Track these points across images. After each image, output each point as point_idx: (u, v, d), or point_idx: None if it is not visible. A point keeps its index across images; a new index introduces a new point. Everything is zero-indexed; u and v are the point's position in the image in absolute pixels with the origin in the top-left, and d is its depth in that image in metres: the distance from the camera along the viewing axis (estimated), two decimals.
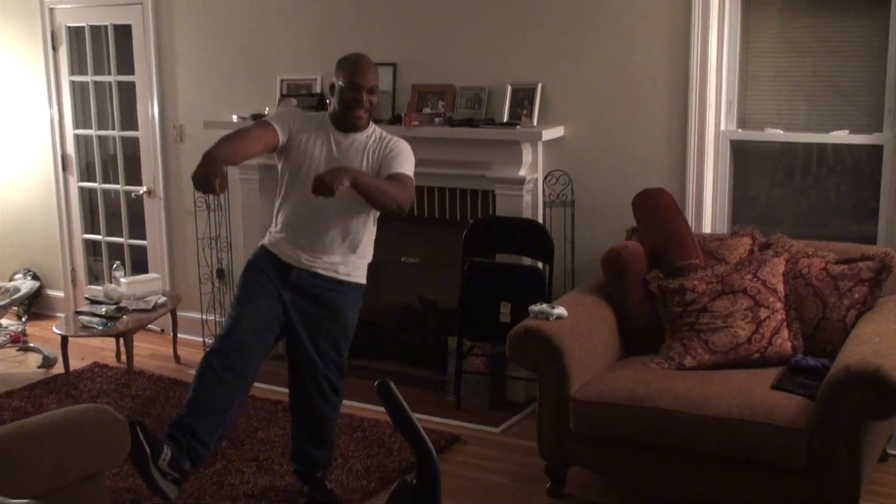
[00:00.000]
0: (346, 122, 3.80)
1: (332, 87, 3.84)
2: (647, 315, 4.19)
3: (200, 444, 3.76)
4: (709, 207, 4.76)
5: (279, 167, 3.91)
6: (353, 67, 3.76)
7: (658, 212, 4.39)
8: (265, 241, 3.93)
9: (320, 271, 3.82)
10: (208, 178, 3.44)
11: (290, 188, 3.85)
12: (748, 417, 3.48)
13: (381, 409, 4.70)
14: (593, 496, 4.03)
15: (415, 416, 1.91)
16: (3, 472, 2.79)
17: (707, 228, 4.74)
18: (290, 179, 3.84)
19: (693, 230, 4.46)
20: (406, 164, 3.83)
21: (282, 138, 3.78)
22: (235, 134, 3.80)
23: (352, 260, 3.87)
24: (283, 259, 3.83)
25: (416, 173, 5.16)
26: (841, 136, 4.51)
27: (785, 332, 3.97)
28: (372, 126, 3.88)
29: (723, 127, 4.71)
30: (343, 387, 4.04)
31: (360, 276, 3.93)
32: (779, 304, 4.01)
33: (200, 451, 3.76)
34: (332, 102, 3.85)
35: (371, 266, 3.77)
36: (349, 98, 3.74)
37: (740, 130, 4.74)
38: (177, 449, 3.68)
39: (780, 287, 4.05)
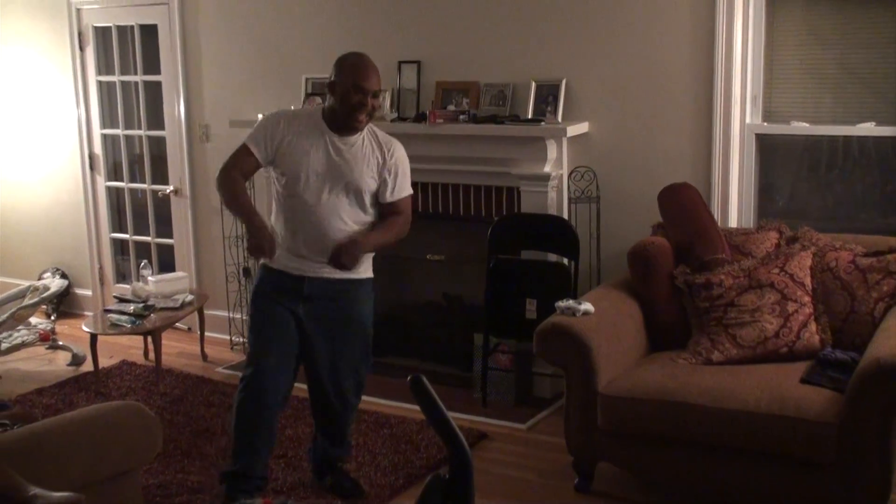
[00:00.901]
0: (346, 124, 3.68)
1: (331, 85, 3.68)
2: (674, 310, 4.18)
3: (261, 479, 3.87)
4: (735, 201, 4.74)
5: (272, 174, 3.85)
6: (359, 70, 3.65)
7: (684, 207, 4.38)
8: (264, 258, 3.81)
9: (331, 276, 3.76)
10: (266, 246, 3.62)
11: (288, 198, 3.74)
12: (777, 412, 3.47)
13: (409, 405, 4.75)
14: (621, 492, 4.03)
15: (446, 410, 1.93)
16: (37, 468, 2.82)
17: (733, 223, 4.72)
18: (289, 189, 3.72)
19: (719, 224, 4.45)
20: (408, 180, 3.85)
21: (262, 160, 3.72)
22: (231, 180, 3.73)
23: None
24: (292, 273, 3.75)
25: (440, 171, 5.25)
26: (867, 129, 4.49)
27: (813, 326, 3.96)
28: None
29: (748, 120, 4.69)
30: (364, 385, 4.07)
31: (367, 271, 3.90)
32: (806, 298, 4.00)
33: (263, 483, 3.88)
34: (330, 100, 3.71)
35: (397, 263, 3.80)
36: (355, 102, 3.61)
37: (766, 124, 4.72)
38: (247, 496, 3.74)
39: (808, 281, 4.03)
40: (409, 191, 3.86)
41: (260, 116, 5.53)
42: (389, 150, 3.78)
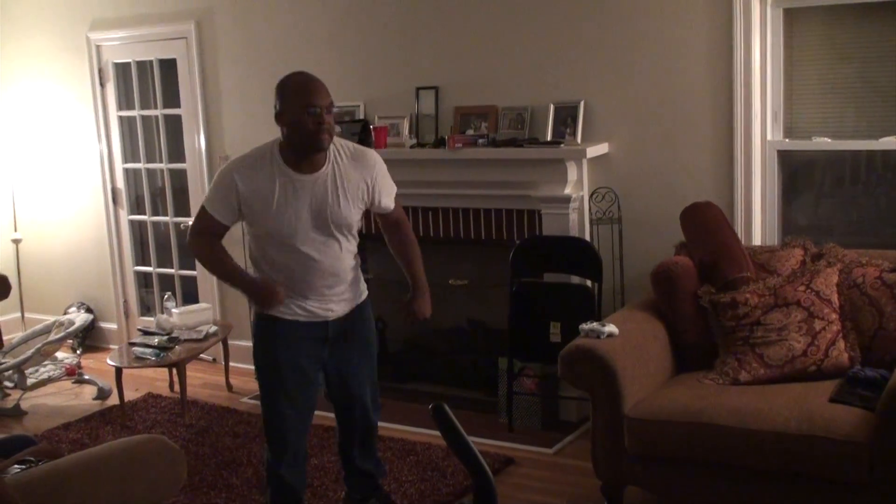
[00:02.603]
0: (308, 152, 3.43)
1: (279, 115, 3.43)
2: (700, 330, 4.14)
3: None
4: (758, 219, 4.70)
5: (246, 229, 3.66)
6: (306, 88, 3.40)
7: (707, 225, 4.35)
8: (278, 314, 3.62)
9: (344, 310, 3.70)
10: (275, 297, 3.52)
11: (279, 251, 3.55)
12: (806, 431, 3.42)
13: (434, 432, 4.71)
14: None
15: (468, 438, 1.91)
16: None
17: (757, 240, 4.68)
18: (275, 244, 3.53)
19: (743, 243, 4.41)
20: (391, 182, 3.73)
21: (227, 222, 3.56)
22: (204, 245, 3.60)
23: (353, 280, 3.73)
24: (310, 320, 3.64)
25: (460, 195, 5.24)
26: (891, 143, 4.44)
27: (841, 344, 3.91)
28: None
29: (769, 137, 4.66)
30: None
31: (364, 287, 3.85)
32: (834, 315, 3.95)
33: None
34: (283, 132, 3.45)
35: None
36: (311, 124, 3.36)
37: (787, 140, 4.69)
38: None
39: (835, 298, 3.99)
40: (395, 188, 3.76)
41: None
42: (366, 159, 3.61)
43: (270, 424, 3.75)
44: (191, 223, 3.64)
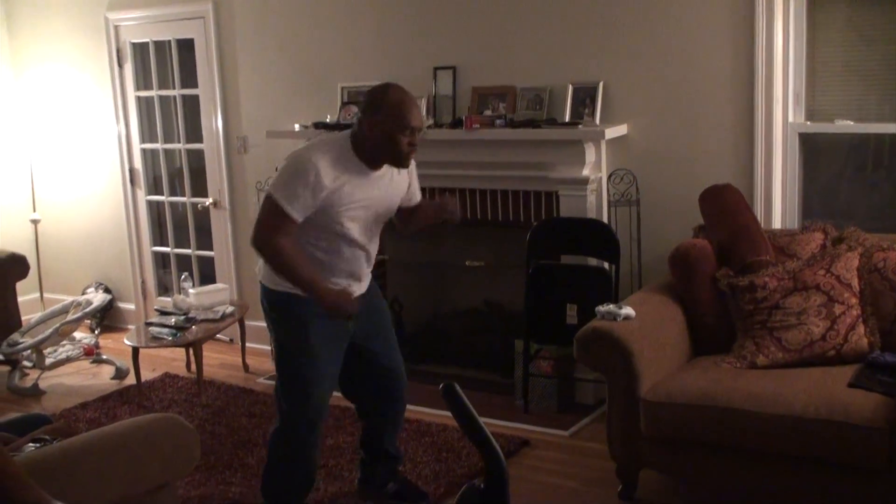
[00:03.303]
0: (385, 163, 3.49)
1: (371, 122, 3.40)
2: (717, 314, 4.11)
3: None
4: (778, 202, 4.66)
5: (315, 218, 3.45)
6: (405, 109, 3.39)
7: (726, 208, 4.30)
8: (288, 288, 3.51)
9: (364, 289, 3.72)
10: (351, 306, 3.47)
11: (330, 241, 3.51)
12: (825, 416, 3.39)
13: (450, 413, 4.71)
14: (666, 499, 3.97)
15: (483, 420, 1.89)
16: (75, 483, 2.83)
17: (777, 224, 4.64)
18: (333, 234, 3.50)
19: (762, 226, 4.37)
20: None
21: (300, 220, 3.39)
22: (282, 252, 3.39)
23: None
24: None
25: (477, 176, 5.22)
26: None
27: (861, 328, 3.87)
28: None
29: (791, 119, 4.61)
30: None
31: None
32: (854, 300, 3.91)
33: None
34: (362, 131, 3.44)
35: (437, 271, 3.76)
36: (405, 145, 3.41)
37: (809, 123, 4.63)
38: None
39: (855, 282, 3.94)
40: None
41: (297, 127, 5.57)
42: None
43: (302, 396, 3.64)
44: (259, 219, 3.45)
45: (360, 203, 3.48)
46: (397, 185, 3.64)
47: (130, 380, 5.70)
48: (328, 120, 5.47)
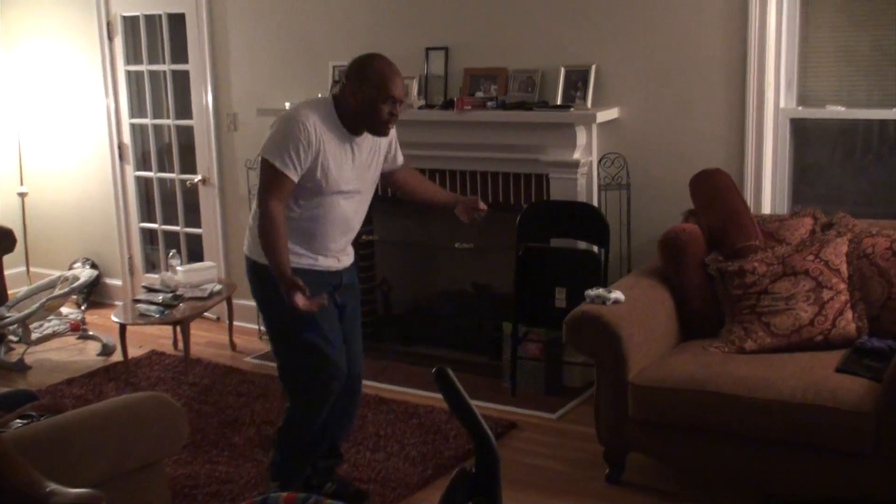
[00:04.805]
0: (365, 130, 3.52)
1: (354, 90, 3.42)
2: (706, 298, 4.12)
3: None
4: (768, 187, 4.66)
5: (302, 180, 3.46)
6: (388, 78, 3.42)
7: (716, 193, 4.31)
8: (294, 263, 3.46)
9: (347, 263, 3.73)
10: (303, 303, 3.31)
11: (321, 201, 3.51)
12: (812, 401, 3.41)
13: (437, 395, 4.69)
14: (653, 483, 3.98)
15: (471, 402, 1.89)
16: (63, 460, 2.82)
17: (766, 209, 4.64)
18: (320, 199, 3.51)
19: (752, 211, 4.38)
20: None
21: (296, 179, 3.42)
22: (279, 222, 3.38)
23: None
24: (331, 270, 3.64)
25: (468, 158, 5.22)
26: None
27: (849, 314, 3.88)
28: None
29: (782, 105, 4.61)
30: None
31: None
32: (842, 286, 3.92)
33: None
34: (347, 98, 3.46)
35: (425, 252, 3.75)
36: (386, 114, 3.44)
37: (800, 108, 4.63)
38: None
39: (844, 268, 3.96)
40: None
41: (287, 105, 5.54)
42: None
43: (312, 363, 3.58)
44: (260, 183, 3.48)
45: (344, 165, 3.50)
46: (379, 149, 3.66)
47: (117, 356, 5.69)
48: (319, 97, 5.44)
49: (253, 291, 3.72)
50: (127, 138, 6.80)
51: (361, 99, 3.43)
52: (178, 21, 6.36)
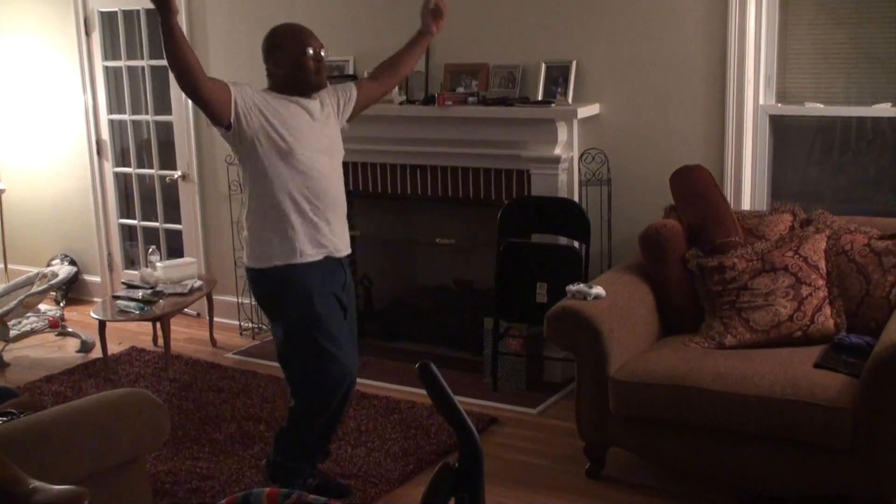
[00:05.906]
0: (306, 92, 3.59)
1: (276, 61, 3.56)
2: (686, 294, 4.14)
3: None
4: (748, 184, 4.69)
5: (260, 154, 3.48)
6: (301, 32, 3.58)
7: (696, 189, 4.33)
8: (283, 261, 3.53)
9: (345, 251, 3.70)
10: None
11: (297, 162, 3.51)
12: (790, 396, 3.43)
13: (418, 391, 4.71)
14: (633, 477, 4.00)
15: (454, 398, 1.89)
16: (44, 457, 2.80)
17: (746, 205, 4.67)
18: (293, 152, 3.50)
19: (732, 207, 4.40)
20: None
21: (230, 111, 3.45)
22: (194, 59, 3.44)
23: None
24: (327, 255, 3.59)
25: (449, 153, 5.21)
26: (883, 109, 4.42)
27: (827, 310, 3.91)
28: None
29: (762, 101, 4.63)
30: None
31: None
32: (821, 282, 3.95)
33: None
34: (276, 77, 3.59)
35: (406, 248, 3.73)
36: (312, 63, 3.54)
37: (779, 105, 4.66)
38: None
39: (822, 264, 3.98)
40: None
41: None
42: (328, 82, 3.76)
43: (323, 367, 3.58)
44: None
45: (301, 123, 3.55)
46: (328, 102, 3.70)
47: (96, 353, 5.66)
48: None
49: (258, 300, 3.76)
50: (105, 134, 6.76)
51: (285, 64, 3.56)
52: (155, 16, 6.24)
